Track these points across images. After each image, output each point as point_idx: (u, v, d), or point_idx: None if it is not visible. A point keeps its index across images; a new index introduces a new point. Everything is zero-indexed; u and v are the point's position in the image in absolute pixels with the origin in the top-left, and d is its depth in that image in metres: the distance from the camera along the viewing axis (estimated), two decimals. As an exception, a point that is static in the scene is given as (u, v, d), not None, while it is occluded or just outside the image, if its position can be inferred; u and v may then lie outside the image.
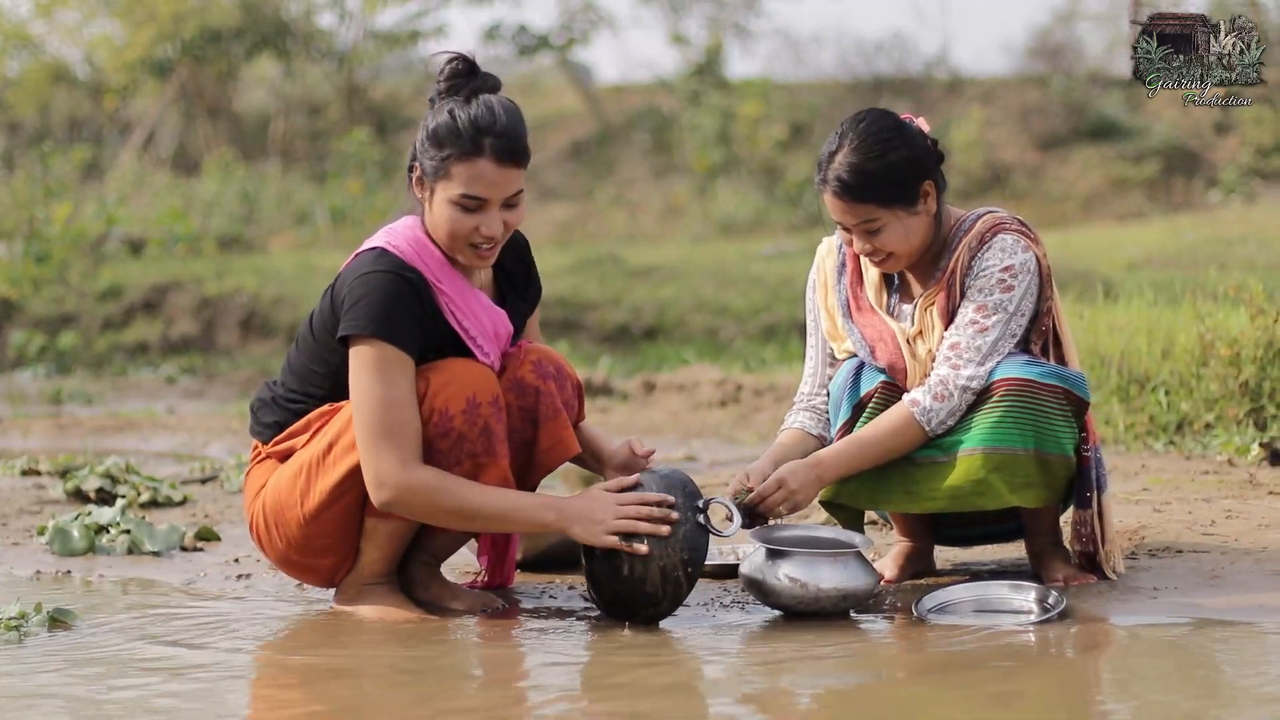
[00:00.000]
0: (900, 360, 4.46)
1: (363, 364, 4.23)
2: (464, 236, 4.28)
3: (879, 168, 4.35)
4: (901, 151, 4.37)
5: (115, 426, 9.70)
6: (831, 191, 4.39)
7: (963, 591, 4.39)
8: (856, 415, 4.48)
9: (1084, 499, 4.44)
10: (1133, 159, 23.00)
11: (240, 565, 5.19)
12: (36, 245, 15.17)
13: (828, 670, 3.82)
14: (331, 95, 26.34)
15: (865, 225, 4.39)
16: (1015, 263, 4.41)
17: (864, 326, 4.54)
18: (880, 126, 4.40)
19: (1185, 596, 4.34)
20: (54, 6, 25.93)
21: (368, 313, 4.23)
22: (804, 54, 30.63)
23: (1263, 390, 6.79)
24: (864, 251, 4.44)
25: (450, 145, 4.25)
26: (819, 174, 4.43)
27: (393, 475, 4.19)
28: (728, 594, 4.67)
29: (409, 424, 4.21)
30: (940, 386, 4.36)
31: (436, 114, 4.29)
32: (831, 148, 4.41)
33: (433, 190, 4.29)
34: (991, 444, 4.32)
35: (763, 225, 21.59)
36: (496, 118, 4.26)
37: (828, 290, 4.65)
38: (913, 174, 4.38)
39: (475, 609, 4.48)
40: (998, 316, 4.39)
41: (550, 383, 4.44)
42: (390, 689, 3.69)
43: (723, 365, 10.94)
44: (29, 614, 4.28)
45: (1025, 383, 4.33)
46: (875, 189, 4.35)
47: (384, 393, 4.20)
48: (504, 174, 4.26)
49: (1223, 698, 3.50)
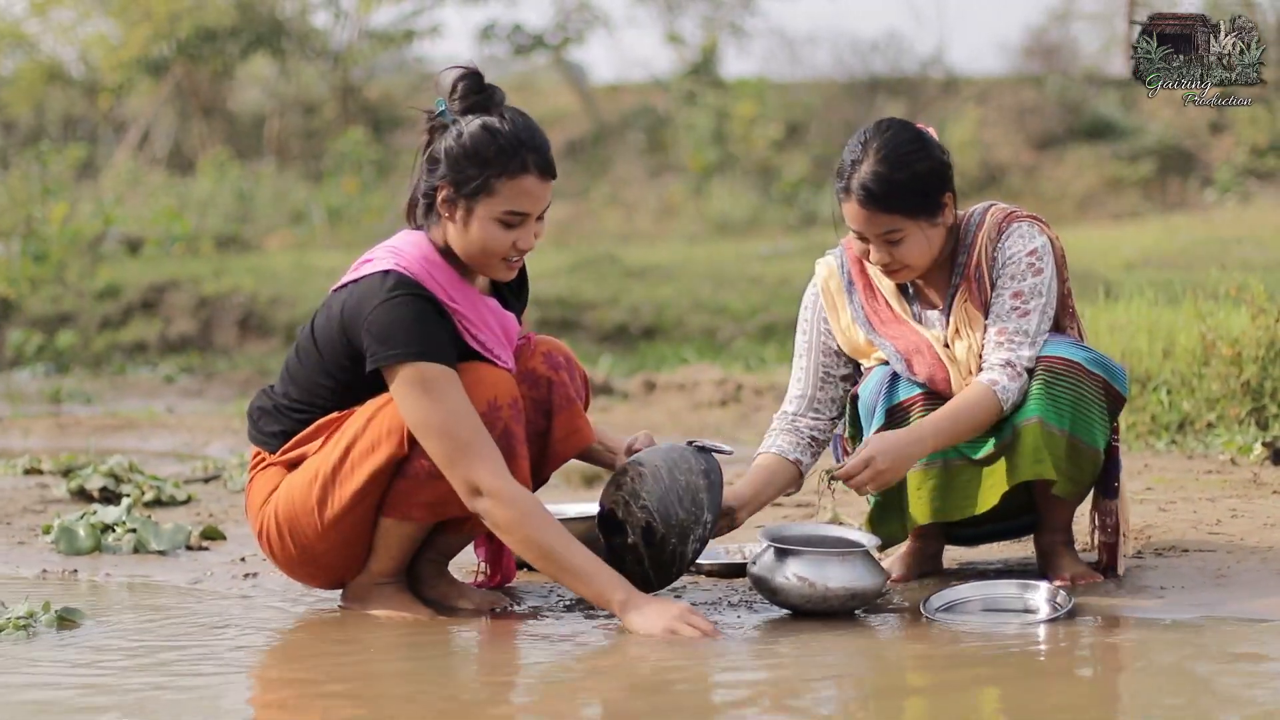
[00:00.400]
0: (941, 370, 4.43)
1: (412, 390, 4.19)
2: (501, 252, 4.28)
3: (906, 178, 4.34)
4: (926, 163, 4.37)
5: (115, 426, 9.69)
6: (857, 200, 4.36)
7: (971, 590, 4.39)
8: (891, 423, 4.43)
9: (1112, 489, 4.46)
10: (1128, 159, 23.01)
11: (246, 564, 5.19)
12: (34, 244, 15.15)
13: (835, 669, 3.83)
14: (326, 94, 26.31)
15: (888, 236, 4.38)
16: (1037, 245, 4.43)
17: (895, 339, 4.50)
18: (905, 137, 4.39)
19: (1193, 595, 4.35)
20: (49, 5, 25.87)
21: (403, 339, 4.19)
22: (799, 53, 30.70)
23: (1264, 390, 6.80)
24: (880, 262, 4.42)
25: (495, 163, 4.22)
26: (840, 182, 4.40)
27: (492, 483, 4.16)
28: (735, 593, 4.67)
29: (484, 431, 4.20)
30: (1009, 368, 4.34)
31: (465, 130, 4.26)
32: (855, 156, 4.38)
33: (469, 209, 4.26)
34: (1038, 414, 4.32)
35: (758, 225, 21.58)
36: (534, 132, 4.26)
37: (838, 311, 4.61)
38: (936, 186, 4.38)
39: (483, 608, 4.49)
40: (1036, 300, 4.40)
41: (562, 373, 4.47)
42: (399, 688, 3.69)
43: (723, 365, 10.94)
44: (37, 613, 4.28)
45: (1070, 364, 4.34)
46: (902, 200, 4.34)
47: (446, 412, 4.17)
48: (545, 188, 4.28)
49: (1233, 697, 3.50)
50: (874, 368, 4.55)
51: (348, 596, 4.51)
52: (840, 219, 4.47)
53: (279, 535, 4.42)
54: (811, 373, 4.66)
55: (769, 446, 4.64)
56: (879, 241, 4.40)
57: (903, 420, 4.43)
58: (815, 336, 4.65)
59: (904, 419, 4.43)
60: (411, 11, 26.48)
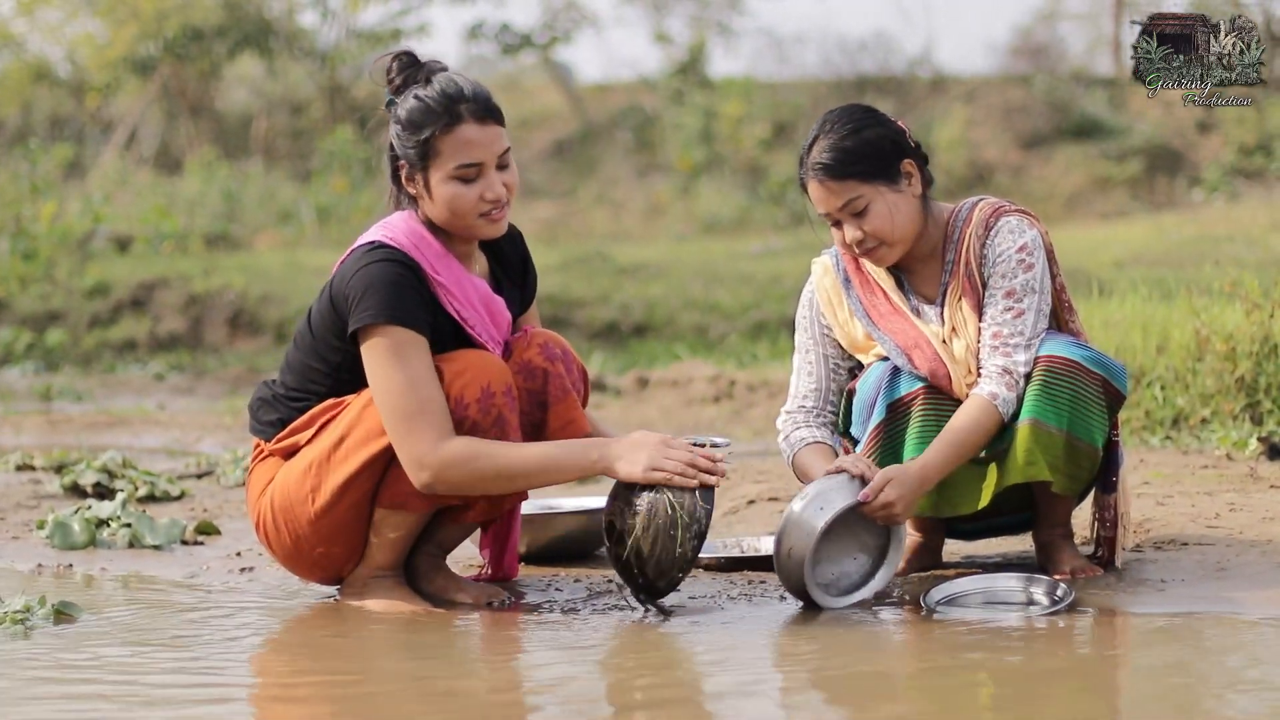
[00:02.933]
0: (941, 366, 4.42)
1: (378, 352, 4.22)
2: (471, 209, 4.29)
3: (855, 144, 4.36)
4: (875, 129, 4.40)
5: (107, 423, 9.67)
6: (814, 177, 4.39)
7: (971, 584, 4.38)
8: (892, 417, 4.43)
9: (1110, 483, 4.46)
10: (1115, 158, 23.05)
11: (242, 559, 5.18)
12: (23, 242, 15.12)
13: (838, 662, 3.82)
14: (314, 94, 26.29)
15: (850, 206, 4.38)
16: (1026, 240, 4.42)
17: (894, 333, 4.49)
18: (853, 111, 4.44)
19: (1193, 588, 4.35)
20: (35, 5, 25.85)
21: (374, 300, 4.22)
22: (787, 53, 30.83)
23: (1258, 385, 6.80)
24: (854, 241, 4.41)
25: (429, 124, 4.27)
26: (800, 169, 4.44)
27: (429, 454, 4.17)
28: (734, 586, 4.66)
29: (434, 400, 4.20)
30: (1006, 376, 4.34)
31: (402, 106, 4.32)
32: (809, 141, 4.43)
33: (425, 177, 4.31)
34: (1033, 415, 4.31)
35: (746, 224, 21.60)
36: (462, 85, 4.30)
37: (835, 308, 4.60)
38: (890, 150, 4.40)
39: (481, 602, 4.47)
40: (1029, 298, 4.39)
41: (558, 364, 4.46)
42: (395, 682, 3.67)
43: (715, 361, 10.93)
44: (34, 607, 4.26)
45: (1068, 363, 4.33)
46: (855, 164, 4.36)
47: (403, 375, 4.19)
48: (488, 132, 4.29)
49: (1237, 689, 3.49)
50: (872, 364, 4.54)
51: (345, 590, 4.49)
52: (816, 217, 4.49)
53: (275, 526, 4.41)
54: (820, 364, 4.64)
55: (808, 438, 4.58)
56: (845, 215, 4.40)
57: (904, 415, 4.42)
58: (817, 332, 4.64)
59: (905, 414, 4.42)
60: (399, 11, 26.49)
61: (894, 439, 4.44)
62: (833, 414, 4.64)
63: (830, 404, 4.64)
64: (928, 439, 4.37)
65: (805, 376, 4.66)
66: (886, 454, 4.43)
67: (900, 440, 4.43)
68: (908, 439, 4.41)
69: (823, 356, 4.64)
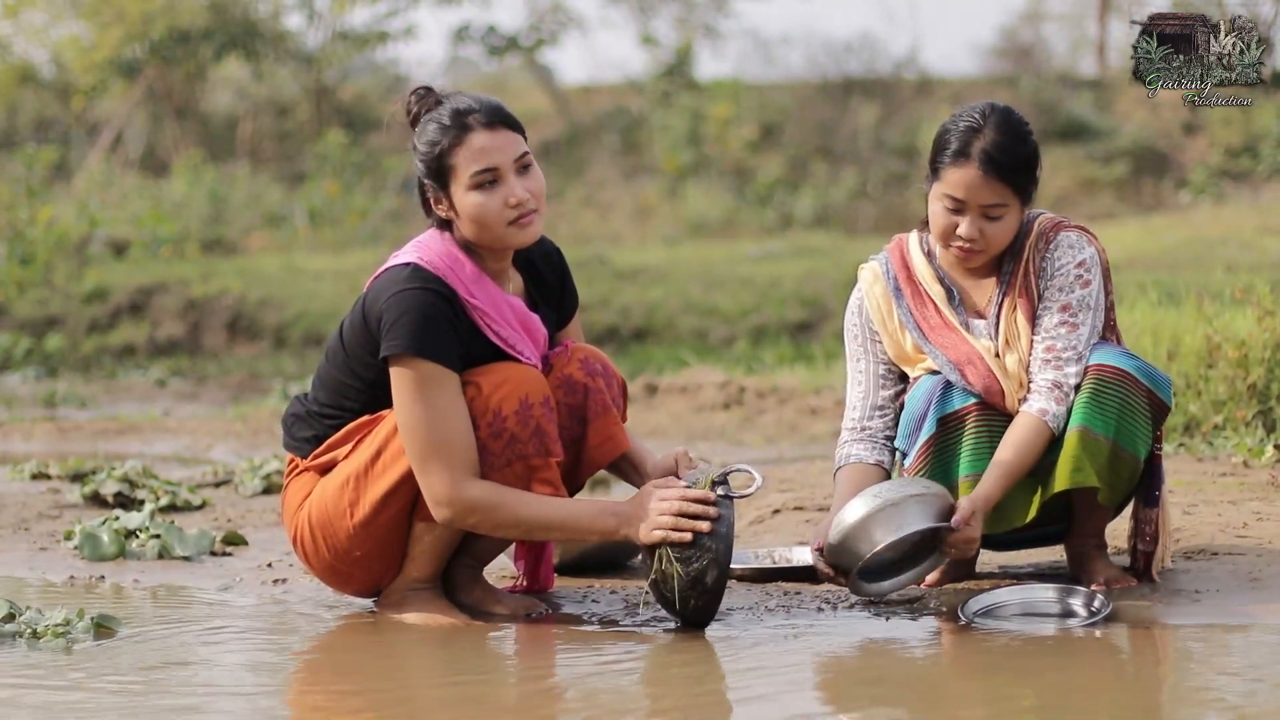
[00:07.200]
0: (995, 382, 4.41)
1: (404, 384, 4.24)
2: (497, 217, 4.29)
3: (1026, 154, 4.37)
4: (1035, 146, 4.41)
5: (116, 430, 9.65)
6: (979, 165, 4.33)
7: (1008, 595, 4.40)
8: (944, 432, 4.43)
9: (1153, 497, 4.47)
10: (1102, 160, 23.11)
11: (274, 570, 5.19)
12: (20, 247, 15.09)
13: (877, 673, 3.84)
14: (300, 96, 26.27)
15: (991, 210, 4.36)
16: (1086, 257, 4.45)
17: (946, 347, 4.47)
18: (1019, 118, 4.43)
19: (1228, 599, 4.37)
20: (20, 7, 25.79)
21: (405, 330, 4.23)
22: (773, 55, 30.87)
23: (1270, 392, 6.81)
24: (968, 237, 4.37)
25: (442, 140, 4.29)
26: (954, 146, 4.37)
27: (445, 494, 4.22)
28: (770, 598, 4.68)
29: (455, 439, 4.22)
30: (1057, 390, 4.35)
31: (418, 135, 4.35)
32: (972, 124, 4.36)
33: (449, 195, 4.32)
34: (1082, 423, 4.32)
35: (734, 226, 21.62)
36: (470, 98, 4.34)
37: (885, 317, 4.58)
38: (1036, 173, 4.42)
39: (518, 614, 4.48)
40: (1084, 314, 4.41)
41: (599, 379, 4.46)
42: (435, 694, 3.69)
43: (724, 367, 10.92)
44: (74, 620, 4.27)
45: (1118, 372, 4.35)
46: (1021, 173, 4.36)
47: (425, 411, 4.21)
48: (499, 138, 4.30)
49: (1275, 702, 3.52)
50: (920, 377, 4.53)
51: (383, 602, 4.51)
52: (929, 193, 4.43)
53: (313, 540, 4.42)
54: (869, 374, 4.62)
55: (846, 458, 4.58)
56: (978, 215, 4.37)
57: (956, 431, 4.42)
58: (866, 341, 4.62)
59: (958, 428, 4.42)
60: (385, 13, 26.48)
61: (945, 454, 4.44)
62: (882, 419, 4.60)
63: (880, 410, 4.59)
64: (982, 455, 4.38)
65: (854, 385, 4.65)
66: (937, 469, 4.43)
67: (953, 456, 4.43)
68: (961, 455, 4.41)
69: (870, 366, 4.62)
